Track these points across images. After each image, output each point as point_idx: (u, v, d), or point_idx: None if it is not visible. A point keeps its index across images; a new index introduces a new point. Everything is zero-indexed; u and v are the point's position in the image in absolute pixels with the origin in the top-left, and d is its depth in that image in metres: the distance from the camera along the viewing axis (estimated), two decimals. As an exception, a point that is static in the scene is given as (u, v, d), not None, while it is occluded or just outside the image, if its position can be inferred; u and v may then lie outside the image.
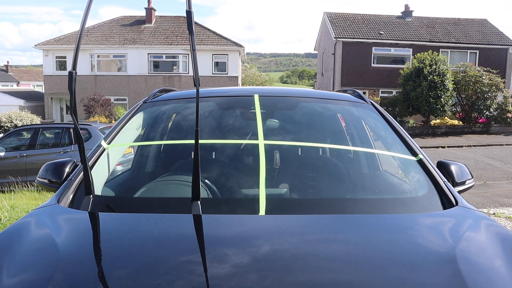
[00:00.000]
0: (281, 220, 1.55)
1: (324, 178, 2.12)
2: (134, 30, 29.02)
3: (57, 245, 1.31)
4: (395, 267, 1.24)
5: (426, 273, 1.20)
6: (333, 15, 29.96)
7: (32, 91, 38.54)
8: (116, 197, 1.95)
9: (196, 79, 1.44)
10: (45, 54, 27.90)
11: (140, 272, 1.19)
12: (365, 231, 1.50)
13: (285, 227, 1.50)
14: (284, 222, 1.53)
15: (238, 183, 2.03)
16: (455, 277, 1.16)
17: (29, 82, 49.42)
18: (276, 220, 1.55)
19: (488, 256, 1.38)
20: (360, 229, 1.52)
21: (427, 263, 1.26)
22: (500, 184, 9.37)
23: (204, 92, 2.53)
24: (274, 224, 1.53)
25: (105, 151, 2.03)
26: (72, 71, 1.45)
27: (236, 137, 2.35)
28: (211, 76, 27.73)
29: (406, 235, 1.49)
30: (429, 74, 20.62)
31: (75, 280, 1.15)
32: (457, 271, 1.18)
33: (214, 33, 29.15)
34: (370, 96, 24.96)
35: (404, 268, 1.23)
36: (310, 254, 1.29)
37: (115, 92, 27.71)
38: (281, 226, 1.51)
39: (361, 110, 2.49)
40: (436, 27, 29.10)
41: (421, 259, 1.29)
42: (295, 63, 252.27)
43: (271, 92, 2.71)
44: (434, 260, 1.27)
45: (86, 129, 9.46)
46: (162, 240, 1.40)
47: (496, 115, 22.54)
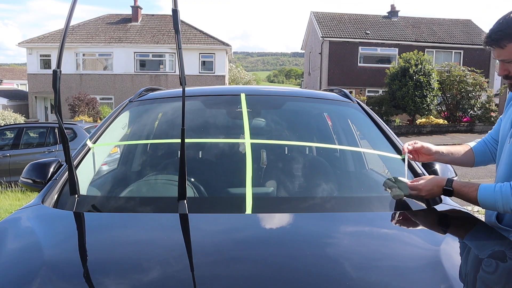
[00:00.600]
0: (268, 218, 1.56)
1: (311, 177, 2.13)
2: (120, 29, 28.74)
3: (41, 245, 1.30)
4: (380, 264, 1.25)
5: (410, 270, 1.21)
6: (320, 15, 30.08)
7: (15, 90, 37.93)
8: (101, 197, 1.93)
9: (182, 78, 1.44)
10: (29, 52, 27.48)
11: (126, 272, 1.18)
12: (351, 229, 1.51)
13: (272, 225, 1.51)
14: (270, 221, 1.54)
15: (225, 182, 2.02)
16: (438, 273, 1.18)
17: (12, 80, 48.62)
18: (262, 219, 1.55)
19: (471, 253, 1.41)
20: (346, 227, 1.54)
21: (411, 260, 1.27)
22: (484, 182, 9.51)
23: (191, 91, 2.52)
24: (260, 222, 1.53)
25: (90, 151, 2.01)
26: (57, 69, 1.44)
27: (222, 136, 2.35)
28: (198, 75, 27.61)
29: (391, 232, 1.51)
30: (414, 74, 20.86)
31: (60, 281, 1.14)
32: (440, 267, 1.20)
33: (201, 32, 29.03)
34: (357, 95, 25.10)
35: (388, 265, 1.25)
36: (296, 252, 1.30)
37: (100, 91, 27.42)
38: (267, 224, 1.52)
39: (347, 109, 2.50)
40: (421, 27, 29.41)
41: (406, 256, 1.31)
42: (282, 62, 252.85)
43: (258, 91, 2.71)
44: (418, 257, 1.28)
45: (71, 128, 9.35)
46: (148, 240, 1.39)
47: (480, 114, 22.89)
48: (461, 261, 1.31)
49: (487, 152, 1.90)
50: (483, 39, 1.66)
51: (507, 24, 1.55)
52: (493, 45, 1.60)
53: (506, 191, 1.49)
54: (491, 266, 1.29)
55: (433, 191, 1.63)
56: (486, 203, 1.55)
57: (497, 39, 1.57)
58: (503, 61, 1.61)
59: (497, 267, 1.29)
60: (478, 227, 1.59)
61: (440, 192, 1.63)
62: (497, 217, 1.67)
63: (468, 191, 1.58)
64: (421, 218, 1.63)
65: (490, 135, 1.92)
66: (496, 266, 1.29)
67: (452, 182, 1.62)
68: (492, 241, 1.49)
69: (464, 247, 1.46)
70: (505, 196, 1.48)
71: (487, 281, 1.21)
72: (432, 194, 1.64)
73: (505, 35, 1.55)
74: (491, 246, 1.46)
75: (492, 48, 1.62)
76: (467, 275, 1.23)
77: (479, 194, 1.55)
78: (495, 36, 1.58)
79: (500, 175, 1.67)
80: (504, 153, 1.67)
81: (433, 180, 1.63)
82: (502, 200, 1.49)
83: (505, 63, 1.61)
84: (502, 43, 1.56)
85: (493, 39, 1.59)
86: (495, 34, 1.57)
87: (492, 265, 1.30)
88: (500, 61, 1.63)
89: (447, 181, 1.62)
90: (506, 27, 1.55)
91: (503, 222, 1.64)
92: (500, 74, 1.66)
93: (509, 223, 1.62)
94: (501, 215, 1.66)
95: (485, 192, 1.55)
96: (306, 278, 1.14)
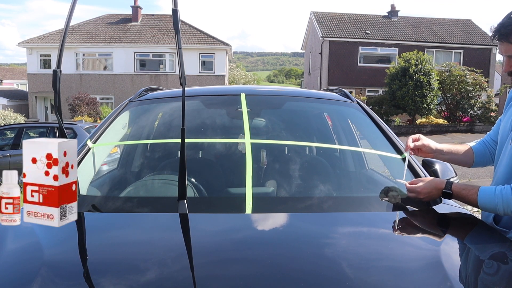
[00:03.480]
0: (268, 218, 1.56)
1: (311, 177, 2.13)
2: (120, 29, 28.73)
3: (41, 245, 1.30)
4: (379, 264, 1.25)
5: (409, 270, 1.21)
6: (320, 15, 30.08)
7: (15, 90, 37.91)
8: (101, 197, 1.93)
9: (182, 77, 1.44)
10: (29, 52, 27.46)
11: (126, 272, 1.18)
12: (351, 229, 1.51)
13: (272, 225, 1.51)
14: (270, 221, 1.54)
15: (225, 182, 2.02)
16: (438, 274, 1.18)
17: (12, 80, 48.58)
18: (262, 219, 1.55)
19: (471, 253, 1.41)
20: (346, 227, 1.54)
21: (410, 260, 1.27)
22: (484, 182, 9.51)
23: (191, 91, 2.52)
24: (260, 222, 1.53)
25: (90, 151, 2.01)
26: (57, 69, 1.44)
27: (222, 136, 2.35)
28: (198, 75, 27.59)
29: (391, 232, 1.51)
30: (414, 74, 20.85)
31: (60, 281, 1.14)
32: (440, 267, 1.20)
33: (201, 32, 29.01)
34: (357, 95, 25.10)
35: (388, 265, 1.25)
36: (296, 252, 1.30)
37: (100, 91, 27.41)
38: (267, 224, 1.52)
39: (347, 109, 2.50)
40: (421, 27, 29.40)
41: (405, 256, 1.31)
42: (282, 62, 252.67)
43: (258, 91, 2.71)
44: (417, 257, 1.28)
45: (71, 128, 9.35)
46: (148, 240, 1.39)
47: (480, 114, 22.90)
48: (461, 262, 1.31)
49: (486, 153, 1.89)
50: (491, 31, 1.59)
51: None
52: (502, 39, 1.54)
53: (507, 194, 1.48)
54: (492, 267, 1.29)
55: (432, 194, 1.60)
56: (486, 206, 1.54)
57: (506, 33, 1.52)
58: (510, 57, 1.56)
59: (498, 268, 1.28)
60: (478, 227, 1.59)
61: (439, 195, 1.61)
62: (494, 219, 1.67)
63: (468, 194, 1.57)
64: (420, 218, 1.63)
65: (489, 136, 1.90)
66: (497, 267, 1.29)
67: (452, 185, 1.60)
68: (492, 241, 1.49)
69: (464, 247, 1.46)
70: (505, 199, 1.48)
71: (487, 282, 1.21)
72: (431, 197, 1.62)
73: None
74: (492, 247, 1.45)
75: (500, 42, 1.56)
76: (467, 276, 1.22)
77: (479, 197, 1.54)
78: (504, 30, 1.52)
79: (499, 176, 1.65)
80: (504, 154, 1.65)
81: (432, 183, 1.61)
82: (503, 204, 1.48)
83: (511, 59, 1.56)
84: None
85: (502, 33, 1.53)
86: (505, 28, 1.52)
87: (492, 266, 1.30)
88: (506, 57, 1.58)
89: (446, 183, 1.60)
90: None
91: (500, 223, 1.64)
92: (506, 70, 1.61)
93: (507, 225, 1.61)
94: (498, 217, 1.65)
95: (485, 196, 1.53)
96: (306, 278, 1.14)
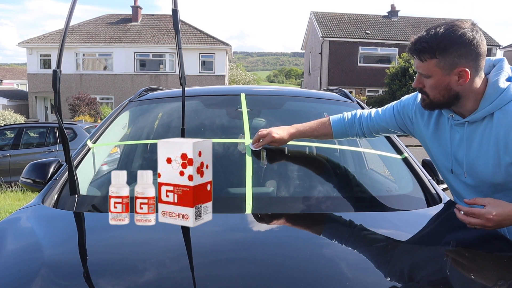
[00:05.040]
0: (268, 218, 1.56)
1: (311, 177, 2.13)
2: (120, 29, 28.73)
3: (41, 245, 1.30)
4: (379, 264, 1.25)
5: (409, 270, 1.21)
6: (320, 15, 30.09)
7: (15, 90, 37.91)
8: (101, 197, 1.93)
9: (182, 77, 1.44)
10: (29, 52, 27.46)
11: (126, 272, 1.18)
12: (351, 229, 1.51)
13: (272, 225, 1.51)
14: (270, 221, 1.54)
15: (225, 182, 2.02)
16: (437, 274, 1.18)
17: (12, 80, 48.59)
18: (262, 219, 1.55)
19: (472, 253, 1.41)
20: (346, 227, 1.54)
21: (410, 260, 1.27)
22: None
23: (191, 91, 2.52)
24: (260, 222, 1.53)
25: (90, 151, 2.01)
26: (57, 69, 1.44)
27: (222, 136, 2.35)
28: (198, 75, 27.59)
29: (391, 232, 1.51)
30: (414, 74, 20.84)
31: (60, 281, 1.14)
32: (440, 267, 1.20)
33: (201, 31, 29.01)
34: (357, 95, 25.10)
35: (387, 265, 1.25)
36: (296, 252, 1.30)
37: (100, 91, 27.41)
38: (267, 224, 1.52)
39: (347, 109, 2.50)
40: (421, 27, 29.34)
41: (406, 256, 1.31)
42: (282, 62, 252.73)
43: (258, 91, 2.71)
44: (417, 257, 1.28)
45: (71, 128, 9.35)
46: (148, 240, 1.39)
47: (480, 114, 22.91)
48: (461, 262, 1.31)
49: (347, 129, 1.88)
50: (409, 44, 1.47)
51: (436, 40, 1.38)
52: (414, 55, 1.45)
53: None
54: (492, 267, 1.29)
55: (504, 223, 1.32)
56: None
57: (419, 50, 1.42)
58: (421, 74, 1.47)
59: (498, 268, 1.28)
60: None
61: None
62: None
63: None
64: (421, 218, 1.63)
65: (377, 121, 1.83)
66: (497, 267, 1.29)
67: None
68: (492, 241, 1.49)
69: (464, 247, 1.46)
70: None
71: (487, 281, 1.21)
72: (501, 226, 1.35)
73: (429, 49, 1.39)
74: (492, 247, 1.45)
75: (412, 57, 1.46)
76: (467, 276, 1.23)
77: None
78: (419, 46, 1.42)
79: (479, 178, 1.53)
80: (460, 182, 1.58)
81: (507, 210, 1.31)
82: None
83: (422, 76, 1.47)
84: (423, 56, 1.41)
85: (415, 49, 1.43)
86: (420, 44, 1.41)
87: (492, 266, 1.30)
88: (418, 73, 1.49)
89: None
90: (434, 41, 1.38)
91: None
92: (415, 86, 1.51)
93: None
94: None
95: None
96: (306, 278, 1.14)
